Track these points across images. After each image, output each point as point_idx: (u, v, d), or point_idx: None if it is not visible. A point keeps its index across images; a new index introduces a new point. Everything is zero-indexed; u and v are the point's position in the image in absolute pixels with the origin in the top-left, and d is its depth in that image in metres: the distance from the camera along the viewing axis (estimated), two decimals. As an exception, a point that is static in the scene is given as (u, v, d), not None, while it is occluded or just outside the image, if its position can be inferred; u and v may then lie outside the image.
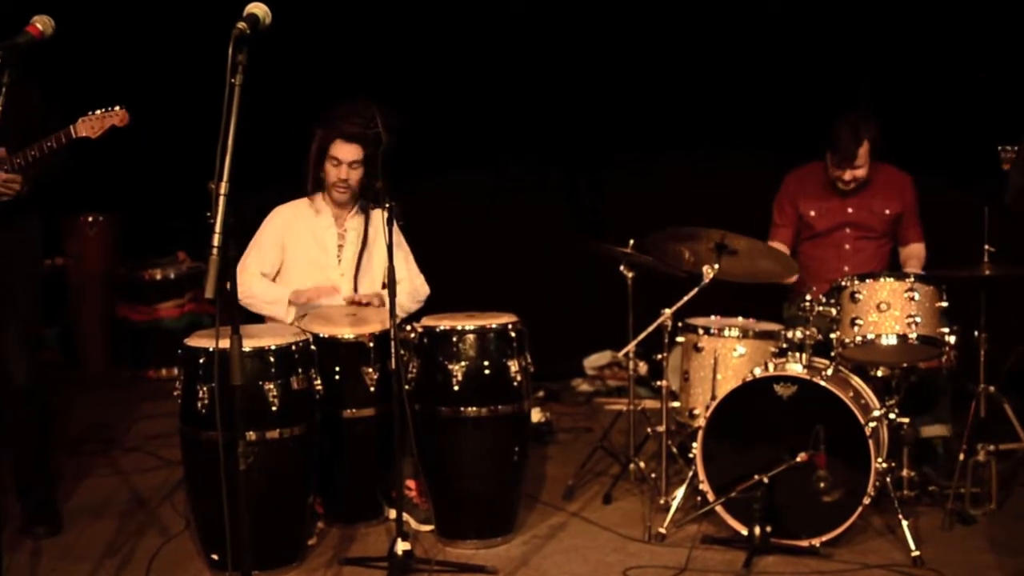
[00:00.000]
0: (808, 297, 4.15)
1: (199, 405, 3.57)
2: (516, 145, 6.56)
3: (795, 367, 4.00)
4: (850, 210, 4.70)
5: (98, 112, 3.86)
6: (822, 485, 3.82)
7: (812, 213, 4.75)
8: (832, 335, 4.10)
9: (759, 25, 6.14)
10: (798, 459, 3.82)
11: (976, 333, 4.21)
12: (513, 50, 6.49)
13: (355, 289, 4.39)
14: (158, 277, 7.18)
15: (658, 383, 4.41)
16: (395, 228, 3.61)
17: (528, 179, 6.72)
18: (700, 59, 6.29)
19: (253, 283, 4.27)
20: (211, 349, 3.55)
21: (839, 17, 5.97)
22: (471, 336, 3.92)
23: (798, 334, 4.09)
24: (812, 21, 6.01)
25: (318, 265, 4.38)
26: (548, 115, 6.54)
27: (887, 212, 4.71)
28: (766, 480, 3.81)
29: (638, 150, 6.45)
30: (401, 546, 3.53)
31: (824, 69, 5.91)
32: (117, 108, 3.88)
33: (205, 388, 3.56)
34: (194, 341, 3.67)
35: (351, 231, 4.42)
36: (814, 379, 3.89)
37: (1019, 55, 5.50)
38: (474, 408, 3.89)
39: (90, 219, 7.25)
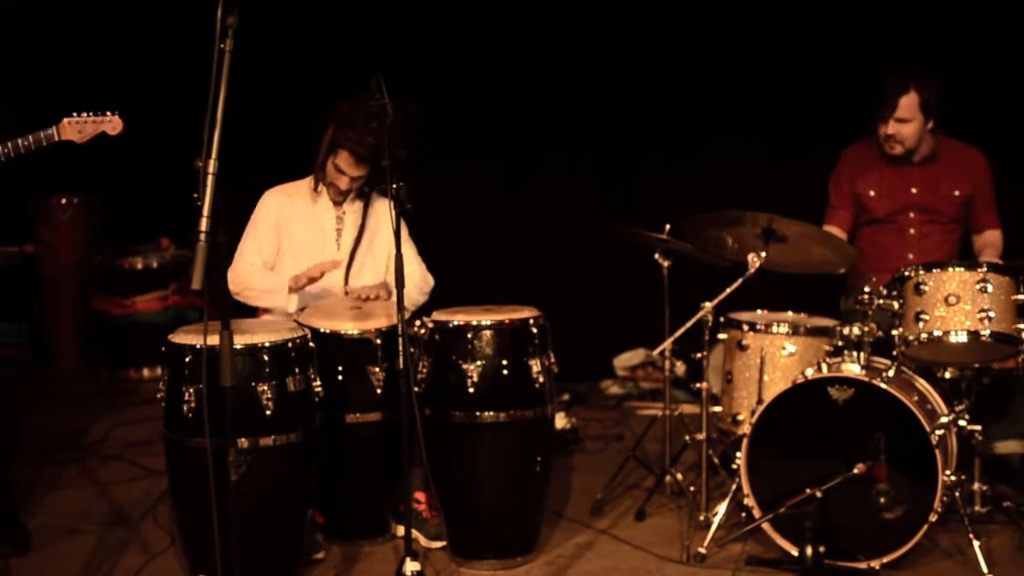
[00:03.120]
0: (867, 289, 4.12)
1: (185, 409, 3.57)
2: (541, 126, 6.56)
3: (852, 367, 3.98)
4: (914, 191, 4.67)
5: (87, 115, 3.87)
6: (883, 500, 3.81)
7: (872, 193, 4.71)
8: (894, 332, 4.08)
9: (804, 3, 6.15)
10: (855, 471, 3.81)
11: (1057, 330, 4.18)
12: (541, 30, 6.51)
13: (346, 278, 4.42)
14: (139, 266, 7.22)
15: (697, 385, 4.42)
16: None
17: (552, 161, 6.72)
18: (748, 35, 6.29)
19: (252, 274, 4.31)
20: (198, 346, 3.56)
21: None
22: (488, 332, 3.92)
23: (855, 331, 4.07)
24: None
25: (316, 247, 4.43)
26: (579, 94, 6.55)
27: (956, 194, 4.67)
28: (819, 494, 3.80)
29: (677, 131, 6.45)
30: (410, 566, 3.53)
31: (885, 46, 5.87)
32: (110, 114, 3.91)
33: (192, 390, 3.56)
34: (179, 337, 3.68)
35: (349, 214, 4.50)
36: (873, 381, 3.87)
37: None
38: (491, 413, 3.90)
39: (64, 201, 7.27)
